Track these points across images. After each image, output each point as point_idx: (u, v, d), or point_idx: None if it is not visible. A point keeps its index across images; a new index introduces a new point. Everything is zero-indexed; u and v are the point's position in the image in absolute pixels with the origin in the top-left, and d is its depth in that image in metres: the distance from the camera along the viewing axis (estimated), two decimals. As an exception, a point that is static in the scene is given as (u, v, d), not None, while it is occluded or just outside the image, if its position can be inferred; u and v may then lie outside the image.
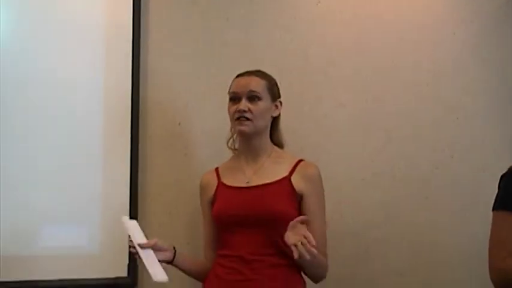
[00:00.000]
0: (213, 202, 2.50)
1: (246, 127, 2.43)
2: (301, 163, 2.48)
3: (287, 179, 2.43)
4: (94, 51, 2.75)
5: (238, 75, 2.52)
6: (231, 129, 2.58)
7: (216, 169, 2.57)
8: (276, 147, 2.55)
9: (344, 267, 2.86)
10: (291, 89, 2.64)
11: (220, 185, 2.50)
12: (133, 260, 2.70)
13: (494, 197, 2.24)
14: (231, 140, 2.60)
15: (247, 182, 2.45)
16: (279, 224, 2.30)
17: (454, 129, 3.12)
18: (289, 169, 2.46)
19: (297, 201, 2.42)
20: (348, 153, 3.00)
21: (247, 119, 2.42)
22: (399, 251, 3.01)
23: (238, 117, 2.43)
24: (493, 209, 2.21)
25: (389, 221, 3.00)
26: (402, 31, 3.13)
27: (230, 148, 2.61)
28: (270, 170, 2.46)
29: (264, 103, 2.46)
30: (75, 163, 2.69)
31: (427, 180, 3.06)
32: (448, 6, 3.20)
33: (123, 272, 2.72)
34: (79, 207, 2.69)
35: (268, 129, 2.53)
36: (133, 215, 2.71)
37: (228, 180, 2.49)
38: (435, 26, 3.17)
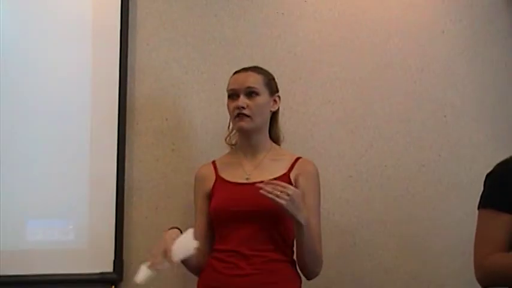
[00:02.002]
0: (210, 196, 2.50)
1: (246, 123, 2.45)
2: (300, 160, 2.51)
3: (286, 175, 2.46)
4: (81, 47, 2.74)
5: (235, 72, 2.53)
6: (229, 126, 2.59)
7: (213, 162, 2.57)
8: (274, 145, 2.58)
9: (330, 265, 2.86)
10: (279, 86, 2.64)
11: (219, 179, 2.50)
12: (119, 255, 2.70)
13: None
14: (229, 136, 2.62)
15: (247, 178, 2.47)
16: (278, 220, 2.37)
17: (442, 127, 3.13)
18: (288, 166, 2.49)
19: None
20: (336, 151, 3.01)
21: (247, 115, 2.44)
22: (386, 249, 3.01)
23: (238, 114, 2.44)
24: (478, 207, 2.23)
25: (376, 218, 3.01)
26: (391, 29, 3.13)
27: (228, 144, 2.62)
28: (269, 166, 2.48)
29: (262, 98, 2.48)
30: (62, 158, 2.69)
31: (414, 178, 3.07)
32: (437, 4, 3.20)
33: (109, 268, 2.71)
34: (66, 202, 2.69)
35: (268, 124, 2.56)
36: (119, 210, 2.72)
37: (227, 175, 2.50)
38: (424, 24, 3.17)
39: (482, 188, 2.24)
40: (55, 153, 2.68)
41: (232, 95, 2.48)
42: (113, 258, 2.71)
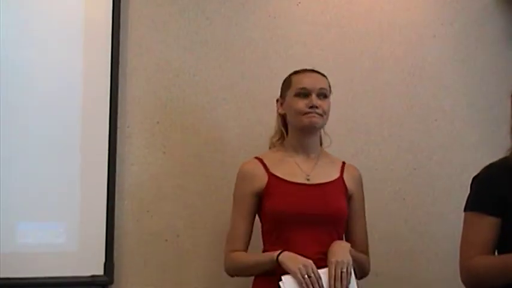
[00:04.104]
0: (261, 195, 2.48)
1: (319, 120, 2.49)
2: (347, 164, 2.60)
3: (341, 178, 2.53)
4: (72, 49, 2.72)
5: (302, 72, 2.57)
6: (281, 126, 2.59)
7: (259, 159, 2.54)
8: (321, 147, 2.62)
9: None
10: (272, 89, 2.65)
11: (273, 177, 2.48)
12: (110, 258, 2.70)
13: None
14: (276, 135, 2.62)
15: (308, 180, 2.48)
16: (339, 223, 2.48)
17: (433, 131, 3.14)
18: (339, 169, 2.56)
19: (348, 202, 2.53)
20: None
21: (319, 114, 2.48)
22: (376, 252, 3.01)
23: (310, 112, 2.47)
24: (464, 210, 2.25)
25: (367, 222, 3.00)
26: (383, 33, 3.14)
27: (273, 143, 2.62)
28: (324, 167, 2.54)
29: (329, 101, 2.54)
30: (53, 160, 2.67)
31: (406, 182, 3.08)
32: (428, 9, 3.22)
33: (99, 270, 2.70)
34: (56, 205, 2.67)
35: None
36: (110, 213, 2.71)
37: (283, 174, 2.49)
38: (415, 28, 3.18)
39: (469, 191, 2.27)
40: (45, 156, 2.66)
41: (303, 93, 2.49)
42: (103, 261, 2.70)
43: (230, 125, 2.91)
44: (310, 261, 2.27)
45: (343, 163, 2.60)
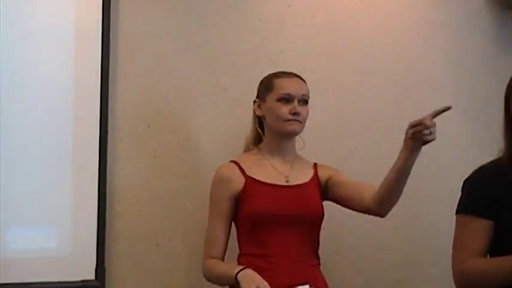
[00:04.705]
0: (238, 198, 2.48)
1: (298, 127, 2.51)
2: (319, 165, 2.63)
3: (315, 175, 2.57)
4: (63, 53, 2.72)
5: (284, 76, 2.57)
6: (255, 128, 2.60)
7: (236, 163, 2.54)
8: (295, 151, 2.63)
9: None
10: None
11: (251, 180, 2.49)
12: (101, 263, 2.69)
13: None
14: (253, 137, 2.63)
15: (287, 181, 2.50)
16: (318, 224, 2.50)
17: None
18: (313, 170, 2.59)
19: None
20: (318, 157, 3.00)
21: (299, 121, 2.50)
22: (369, 258, 3.01)
23: (292, 119, 2.48)
24: (456, 213, 2.25)
25: (358, 226, 3.00)
26: (373, 36, 3.14)
27: (248, 145, 2.63)
28: (300, 170, 2.56)
29: (308, 107, 2.56)
30: (44, 164, 2.67)
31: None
32: (419, 12, 3.23)
33: (90, 275, 2.69)
34: (47, 209, 2.66)
35: None
36: (102, 217, 2.70)
37: (261, 176, 2.50)
38: (406, 31, 3.19)
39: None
40: (36, 160, 2.65)
41: (286, 99, 2.50)
42: (95, 265, 2.69)
43: (222, 129, 2.90)
44: (266, 284, 2.25)
45: (315, 164, 2.62)
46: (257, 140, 2.62)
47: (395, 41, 3.17)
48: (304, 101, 2.53)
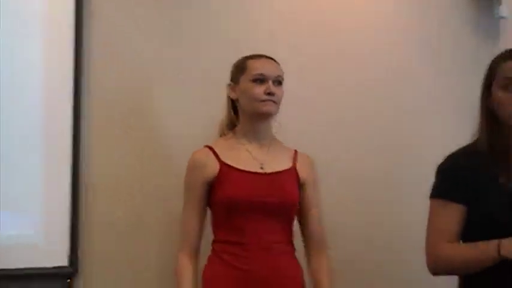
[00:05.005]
0: (212, 184, 2.47)
1: (273, 108, 2.49)
2: (299, 153, 2.58)
3: (294, 168, 2.53)
4: (32, 42, 2.70)
5: (257, 57, 2.54)
6: (230, 112, 2.58)
7: (210, 148, 2.53)
8: (273, 134, 2.60)
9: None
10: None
11: (225, 166, 2.47)
12: (75, 249, 2.70)
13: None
14: (227, 122, 2.61)
15: (262, 168, 2.48)
16: (292, 212, 2.50)
17: (407, 130, 3.17)
18: (292, 158, 2.55)
19: (300, 190, 2.53)
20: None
21: (274, 101, 2.48)
22: (355, 249, 3.04)
23: (266, 99, 2.46)
24: (430, 197, 2.28)
25: (342, 222, 3.01)
26: (352, 35, 3.14)
27: (223, 130, 2.61)
28: (277, 156, 2.53)
29: (282, 88, 2.54)
30: (16, 153, 2.66)
31: (379, 182, 3.10)
32: (396, 7, 3.22)
33: (63, 262, 2.71)
34: (19, 196, 2.67)
35: None
36: (75, 204, 2.71)
37: (235, 162, 2.48)
38: (385, 27, 3.19)
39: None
40: (9, 149, 2.64)
41: (260, 80, 2.48)
42: (68, 252, 2.71)
43: (200, 123, 2.87)
44: None
45: (295, 151, 2.59)
46: (232, 124, 2.59)
47: (377, 40, 3.16)
48: (279, 82, 2.50)
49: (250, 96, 2.48)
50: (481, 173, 2.18)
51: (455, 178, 2.22)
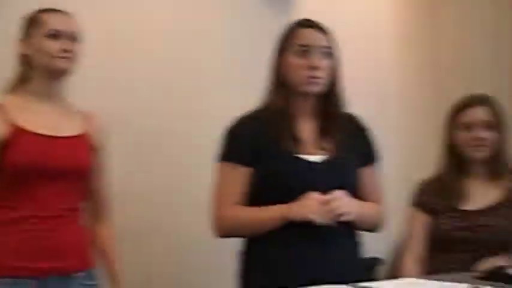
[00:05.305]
0: (3, 146, 2.17)
1: (71, 64, 2.25)
2: (91, 114, 2.37)
3: (88, 133, 2.33)
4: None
5: (51, 11, 2.28)
6: (21, 69, 2.28)
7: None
8: (65, 97, 2.37)
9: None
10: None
11: (15, 127, 2.18)
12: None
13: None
14: (17, 79, 2.30)
15: (55, 131, 2.24)
16: (84, 178, 2.29)
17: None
18: (85, 121, 2.34)
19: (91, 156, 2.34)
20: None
21: (70, 58, 2.25)
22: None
23: (62, 56, 2.22)
24: (216, 160, 2.25)
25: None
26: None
27: (13, 88, 2.29)
28: (70, 119, 2.31)
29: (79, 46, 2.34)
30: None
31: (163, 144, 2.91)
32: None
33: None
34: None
35: None
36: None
37: (27, 124, 2.21)
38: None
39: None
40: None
41: (55, 35, 2.22)
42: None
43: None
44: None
45: (88, 113, 2.37)
46: (22, 81, 2.30)
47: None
48: (74, 38, 2.27)
49: (46, 52, 2.23)
50: (263, 137, 2.19)
51: (241, 141, 2.22)
